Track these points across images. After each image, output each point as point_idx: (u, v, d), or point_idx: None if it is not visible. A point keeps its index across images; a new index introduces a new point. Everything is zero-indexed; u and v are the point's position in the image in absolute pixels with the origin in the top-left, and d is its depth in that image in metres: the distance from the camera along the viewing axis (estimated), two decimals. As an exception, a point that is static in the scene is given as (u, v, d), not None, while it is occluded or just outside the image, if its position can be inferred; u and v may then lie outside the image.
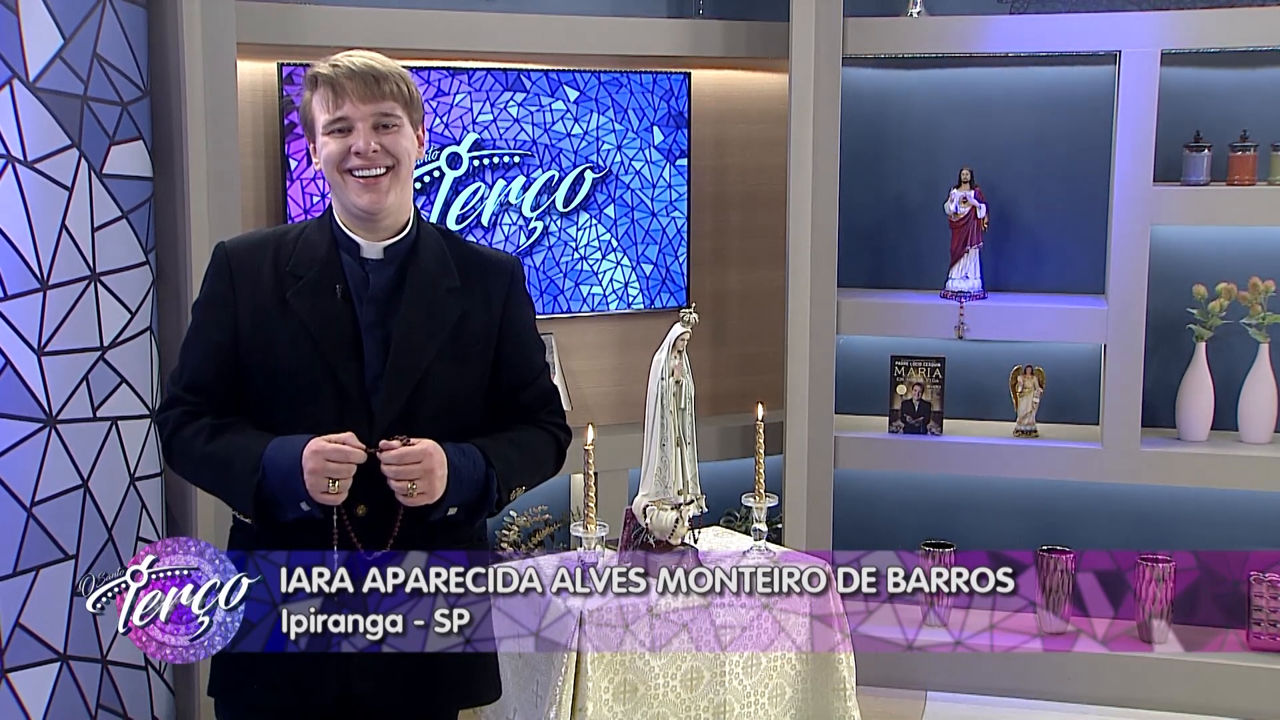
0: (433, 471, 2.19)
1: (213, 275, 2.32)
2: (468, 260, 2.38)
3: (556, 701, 2.74)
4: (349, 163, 2.24)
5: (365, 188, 2.25)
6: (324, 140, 2.26)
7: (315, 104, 2.28)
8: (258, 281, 2.28)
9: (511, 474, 2.32)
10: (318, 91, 2.27)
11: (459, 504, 2.26)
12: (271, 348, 2.26)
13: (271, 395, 2.28)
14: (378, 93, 2.24)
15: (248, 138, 3.79)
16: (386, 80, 2.26)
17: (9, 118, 3.05)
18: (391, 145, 2.26)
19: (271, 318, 2.26)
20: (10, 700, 3.09)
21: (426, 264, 2.32)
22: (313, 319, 2.26)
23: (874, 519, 4.60)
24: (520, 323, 2.42)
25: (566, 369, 4.29)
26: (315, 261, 2.29)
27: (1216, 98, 4.28)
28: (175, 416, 2.29)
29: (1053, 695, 4.20)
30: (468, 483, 2.25)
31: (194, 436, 2.26)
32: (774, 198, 4.44)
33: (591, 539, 2.83)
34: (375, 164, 2.24)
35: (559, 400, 2.50)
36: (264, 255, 2.30)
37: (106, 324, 3.31)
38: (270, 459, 2.20)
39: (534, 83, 4.16)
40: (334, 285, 2.27)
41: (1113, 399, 4.21)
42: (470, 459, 2.26)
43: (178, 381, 2.32)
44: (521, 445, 2.37)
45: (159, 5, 3.51)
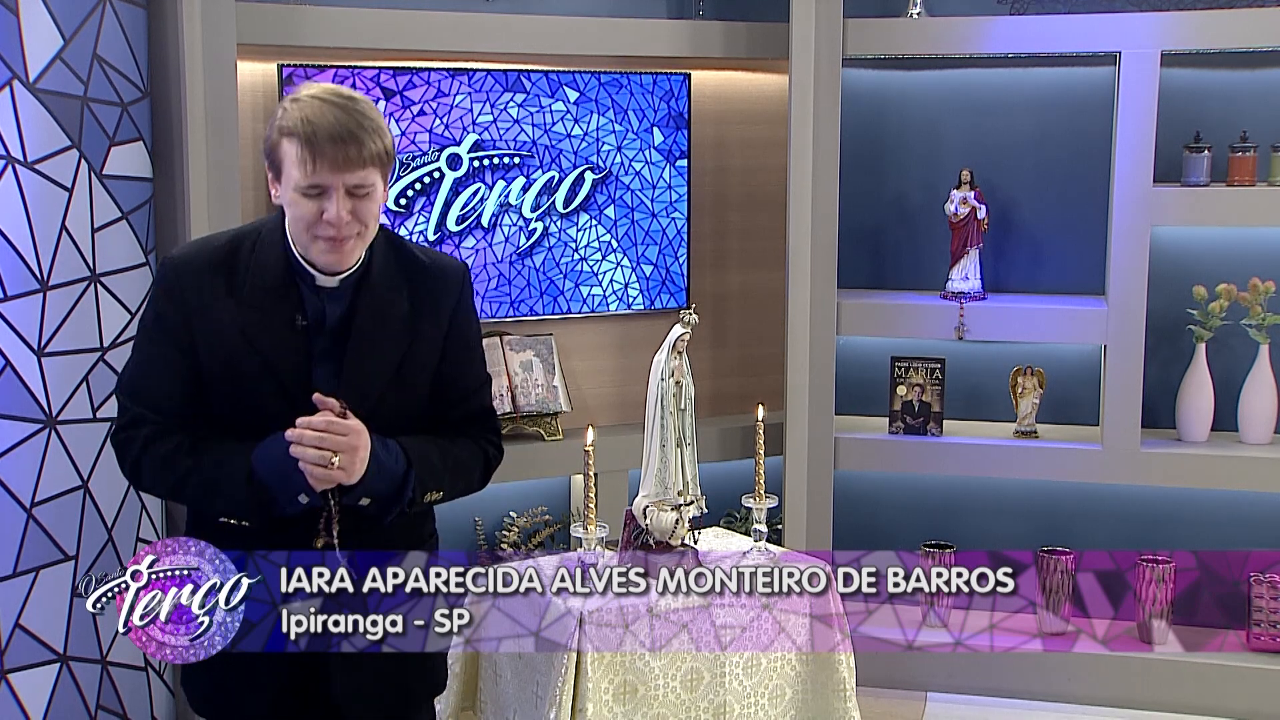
0: (356, 450, 2.19)
1: (163, 298, 2.28)
2: (417, 274, 2.36)
3: (556, 702, 2.74)
4: (318, 229, 2.21)
5: (331, 250, 2.23)
6: (294, 199, 2.20)
7: (288, 155, 2.20)
8: (211, 309, 2.25)
9: (430, 478, 2.31)
10: (291, 142, 2.18)
11: (373, 495, 2.26)
12: (229, 374, 2.26)
13: (231, 413, 2.28)
14: (356, 161, 2.17)
15: (248, 138, 3.79)
16: (364, 145, 2.18)
17: (9, 118, 3.05)
18: (362, 213, 2.21)
19: (230, 348, 2.25)
20: (10, 701, 3.09)
21: (379, 290, 2.30)
22: (269, 348, 2.25)
23: (874, 520, 4.60)
24: (464, 335, 2.42)
25: (566, 369, 4.29)
26: (270, 289, 2.26)
27: (1216, 98, 4.28)
28: (144, 434, 2.27)
29: (1053, 695, 4.20)
30: (385, 475, 2.25)
31: (170, 456, 2.26)
32: (774, 199, 4.44)
33: (591, 540, 2.83)
34: (345, 232, 2.21)
35: (495, 418, 2.50)
36: (216, 276, 2.26)
37: (106, 325, 3.31)
38: (260, 460, 2.21)
39: (534, 84, 4.16)
40: (292, 316, 2.26)
41: (1113, 400, 4.21)
42: (392, 454, 2.27)
43: (137, 399, 2.30)
44: (446, 454, 2.36)
45: (159, 6, 3.52)
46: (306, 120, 2.16)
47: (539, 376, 4.18)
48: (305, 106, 2.18)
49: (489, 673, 3.06)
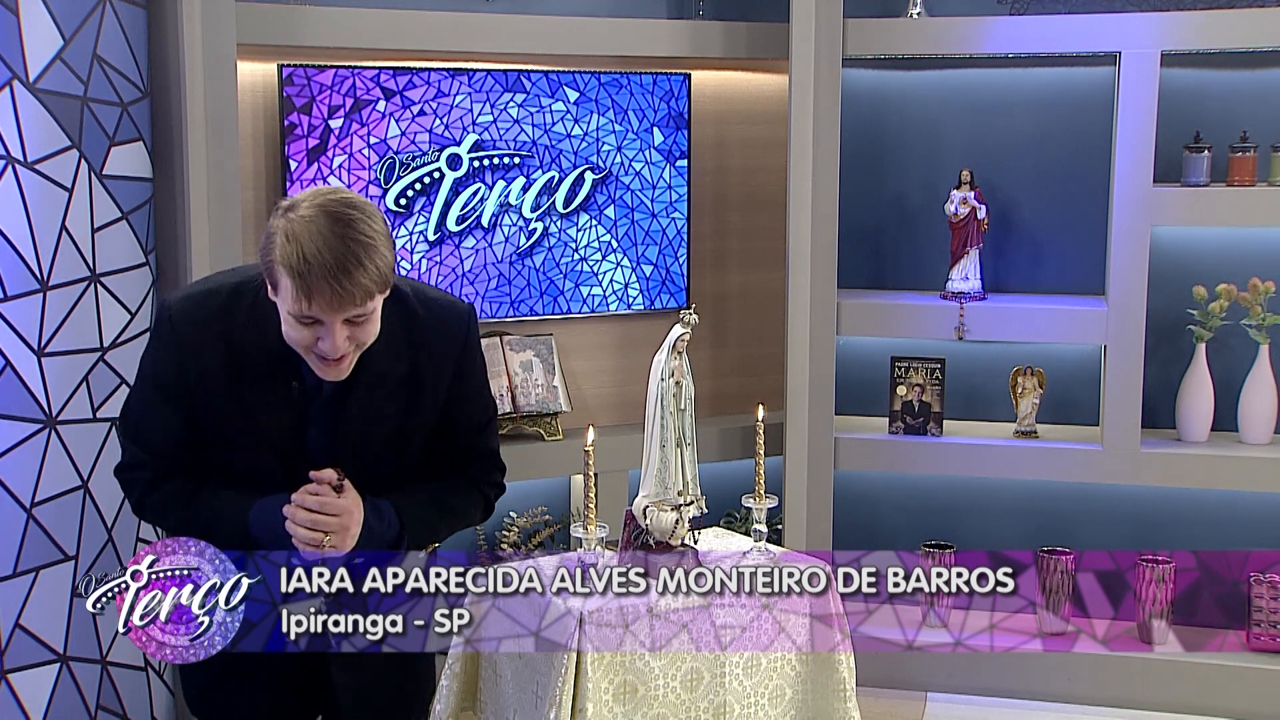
0: (347, 530, 2.22)
1: (159, 345, 2.29)
2: (419, 332, 2.31)
3: (556, 702, 2.73)
4: (316, 349, 2.17)
5: (327, 368, 2.20)
6: (290, 321, 2.15)
7: (283, 283, 2.11)
8: (207, 368, 2.24)
9: (425, 535, 2.35)
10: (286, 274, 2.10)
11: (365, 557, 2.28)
12: (224, 433, 2.28)
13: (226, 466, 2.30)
14: (351, 299, 2.10)
15: (248, 138, 3.79)
16: (360, 281, 2.09)
17: (9, 119, 3.05)
18: (361, 335, 2.18)
19: (223, 407, 2.26)
20: (10, 701, 3.09)
21: (378, 359, 2.26)
22: (264, 413, 2.26)
23: (874, 520, 4.60)
24: (469, 382, 2.40)
25: (566, 370, 4.28)
26: (266, 353, 2.23)
27: (1216, 98, 4.28)
28: (144, 480, 2.32)
29: (1053, 695, 4.20)
30: (378, 541, 2.28)
31: (168, 503, 2.30)
32: (774, 199, 4.44)
33: (591, 540, 2.82)
34: (342, 354, 2.18)
35: (497, 461, 2.50)
36: (213, 336, 2.24)
37: (106, 325, 3.31)
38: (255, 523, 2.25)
39: (534, 84, 4.16)
40: (289, 383, 2.25)
41: (1113, 400, 4.21)
42: (385, 521, 2.29)
43: (136, 443, 2.33)
44: (443, 506, 2.38)
45: (159, 6, 3.51)
46: (301, 257, 2.07)
47: (539, 376, 4.18)
48: (301, 234, 2.09)
49: (489, 673, 3.05)
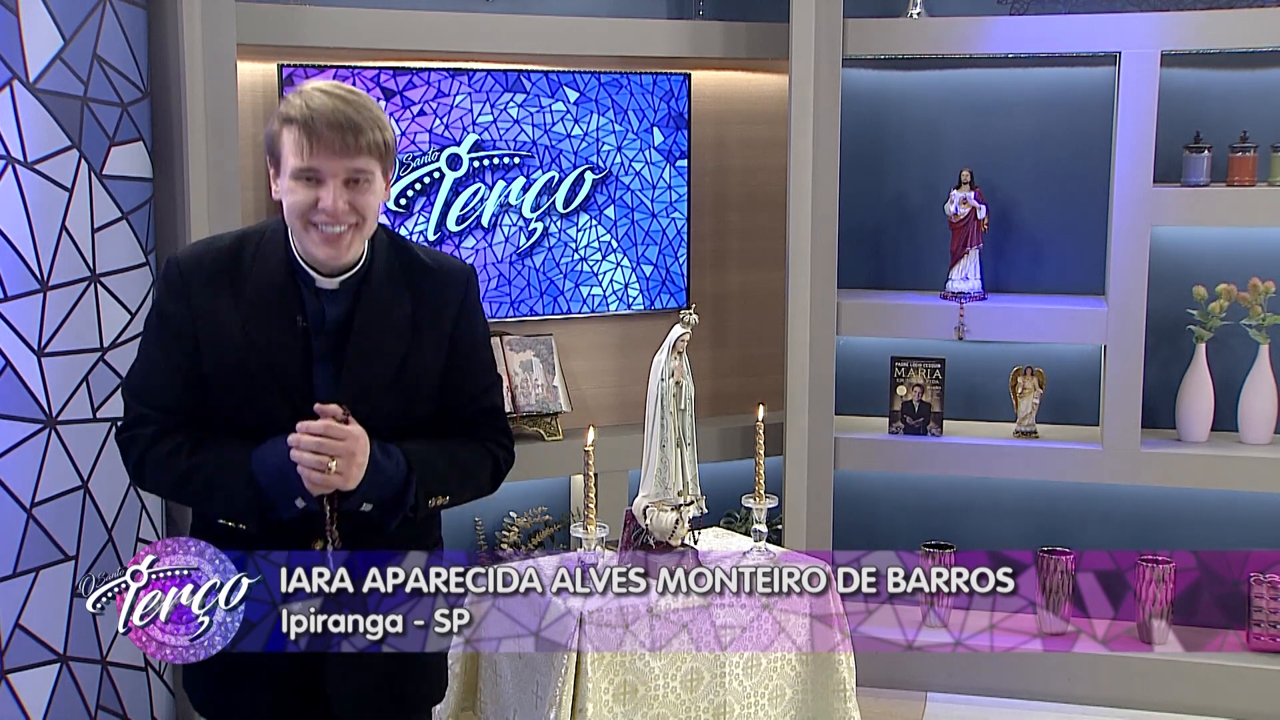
0: (353, 456, 2.18)
1: (167, 296, 2.29)
2: (421, 276, 2.34)
3: (556, 702, 2.74)
4: (314, 216, 2.20)
5: (326, 242, 2.21)
6: (291, 185, 2.20)
7: (286, 142, 2.20)
8: (216, 307, 2.26)
9: (434, 483, 2.30)
10: (290, 129, 2.19)
11: (374, 500, 2.26)
12: (233, 376, 2.26)
13: (233, 412, 2.28)
14: (354, 147, 2.17)
15: (248, 138, 3.79)
16: (364, 133, 2.18)
17: (9, 119, 3.05)
18: (359, 203, 2.20)
19: (232, 347, 2.25)
20: (10, 701, 3.09)
21: (380, 293, 2.29)
22: (270, 349, 2.25)
23: (874, 520, 4.60)
24: (470, 337, 2.40)
25: (566, 370, 4.28)
26: (272, 288, 2.26)
27: (1216, 98, 4.28)
28: (147, 435, 2.28)
29: (1053, 695, 4.20)
30: (385, 481, 2.25)
31: (172, 455, 2.26)
32: (774, 199, 4.44)
33: (591, 540, 2.83)
34: (340, 221, 2.20)
35: (504, 419, 2.49)
36: (220, 277, 2.27)
37: (106, 325, 3.31)
38: (259, 463, 2.21)
39: (534, 84, 4.16)
40: (293, 317, 2.26)
41: (1113, 400, 4.21)
42: (393, 459, 2.26)
43: (142, 399, 2.30)
44: (452, 457, 2.36)
45: (159, 6, 3.52)
46: (307, 106, 2.18)
47: (539, 377, 4.18)
48: (307, 96, 2.20)
49: (489, 673, 3.06)
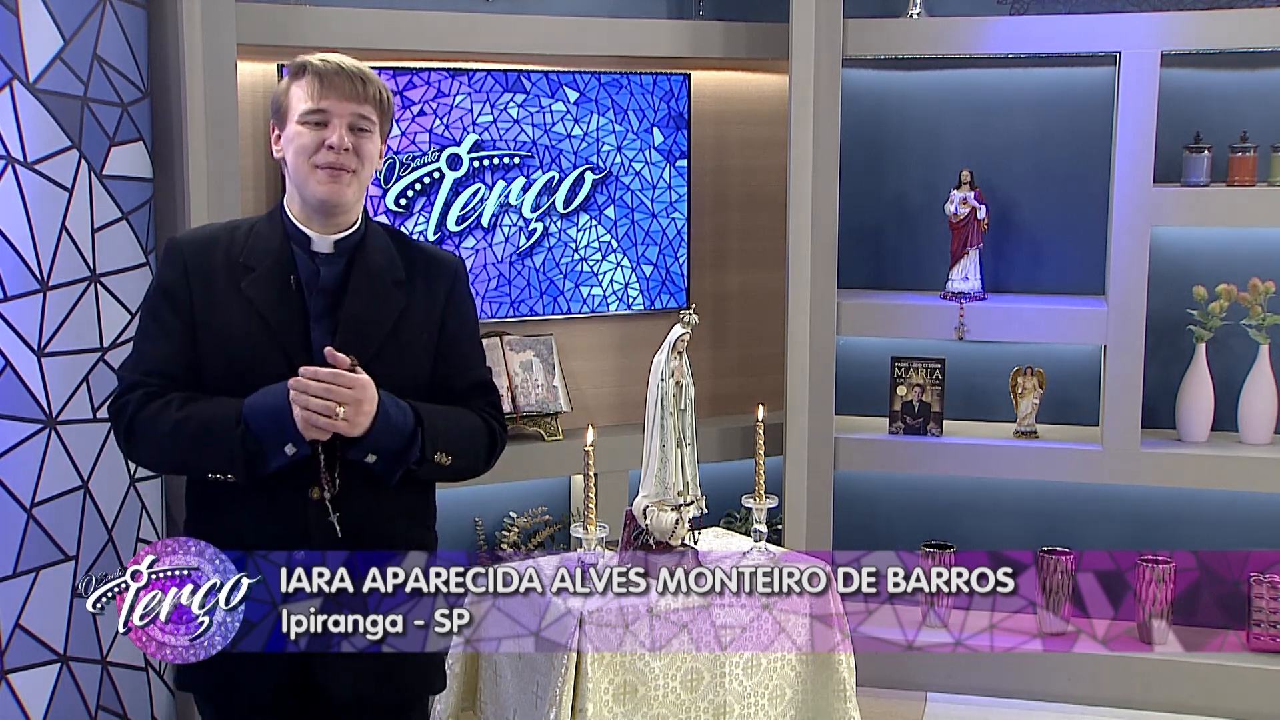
0: (361, 403, 2.22)
1: (166, 267, 2.36)
2: (413, 257, 2.45)
3: (556, 702, 2.74)
4: (319, 157, 2.31)
5: (330, 179, 2.31)
6: (298, 130, 2.32)
7: (295, 91, 2.34)
8: (211, 273, 2.33)
9: (439, 438, 2.34)
10: (302, 80, 2.33)
11: (380, 450, 2.27)
12: (228, 334, 2.31)
13: (227, 380, 2.30)
14: (361, 94, 2.33)
15: (248, 138, 3.79)
16: (370, 84, 2.35)
17: (9, 119, 3.05)
18: (361, 148, 2.34)
19: (227, 306, 2.31)
20: (10, 701, 3.09)
21: (374, 258, 2.39)
22: (267, 307, 2.31)
23: (874, 520, 4.60)
24: (460, 321, 2.47)
25: (566, 370, 4.28)
26: (268, 253, 2.35)
27: (1216, 99, 4.28)
28: (137, 398, 2.30)
29: (1053, 695, 4.20)
30: (393, 430, 2.28)
31: (162, 409, 2.28)
32: (774, 199, 4.44)
33: (591, 540, 2.83)
34: (344, 162, 2.31)
35: (497, 394, 2.54)
36: (216, 248, 2.36)
37: (106, 325, 3.31)
38: (251, 407, 2.23)
39: (534, 84, 4.16)
40: (287, 276, 2.33)
41: (1113, 400, 4.21)
42: (401, 410, 2.30)
43: (135, 368, 2.34)
44: (455, 418, 2.40)
45: (159, 6, 3.52)
46: (319, 59, 2.35)
47: (539, 377, 4.18)
48: (315, 57, 2.37)
49: (489, 673, 3.06)
